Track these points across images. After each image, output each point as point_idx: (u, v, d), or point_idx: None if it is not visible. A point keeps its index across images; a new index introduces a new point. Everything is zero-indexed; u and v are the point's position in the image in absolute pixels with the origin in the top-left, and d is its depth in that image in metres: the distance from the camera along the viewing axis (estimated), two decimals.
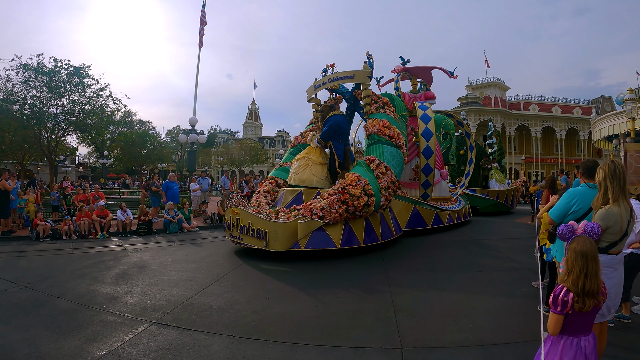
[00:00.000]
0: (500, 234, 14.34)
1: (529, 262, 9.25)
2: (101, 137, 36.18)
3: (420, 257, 10.60)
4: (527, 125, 55.66)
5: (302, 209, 10.35)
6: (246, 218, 10.73)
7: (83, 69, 25.78)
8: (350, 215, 10.36)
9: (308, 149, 12.80)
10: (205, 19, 24.70)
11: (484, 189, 22.37)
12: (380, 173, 11.00)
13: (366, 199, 10.26)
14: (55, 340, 5.26)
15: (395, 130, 11.92)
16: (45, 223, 14.40)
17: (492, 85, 56.39)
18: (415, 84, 17.69)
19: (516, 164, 56.02)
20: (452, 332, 5.42)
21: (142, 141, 49.52)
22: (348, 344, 5.10)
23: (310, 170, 12.20)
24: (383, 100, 12.86)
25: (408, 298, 7.04)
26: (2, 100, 24.42)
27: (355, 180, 10.50)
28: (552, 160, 56.96)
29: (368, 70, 12.51)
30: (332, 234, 10.22)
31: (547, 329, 3.18)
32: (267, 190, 13.31)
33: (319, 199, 10.65)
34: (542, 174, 54.13)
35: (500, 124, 52.64)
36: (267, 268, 9.45)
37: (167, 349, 4.98)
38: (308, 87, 14.23)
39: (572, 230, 3.35)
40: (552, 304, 3.11)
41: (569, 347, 3.15)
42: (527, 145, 57.48)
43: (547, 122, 55.69)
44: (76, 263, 10.27)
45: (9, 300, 7.14)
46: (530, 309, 6.17)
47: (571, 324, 3.13)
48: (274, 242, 9.99)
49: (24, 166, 32.04)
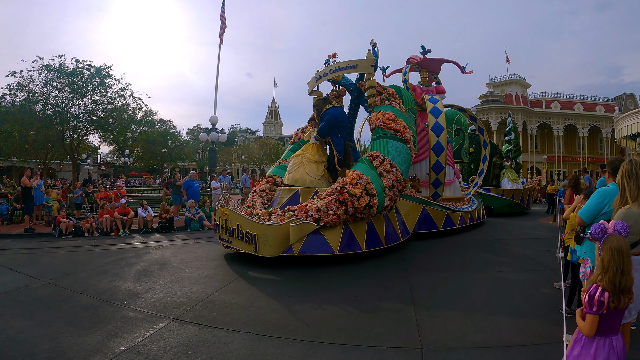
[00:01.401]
0: (522, 234, 14.13)
1: (550, 262, 9.06)
2: (123, 136, 36.56)
3: (437, 258, 10.48)
4: (548, 123, 54.88)
5: (297, 210, 9.53)
6: (235, 220, 9.93)
7: (104, 69, 26.21)
8: (350, 217, 9.49)
9: (305, 146, 12.12)
10: (224, 19, 24.77)
11: (499, 188, 21.43)
12: (385, 170, 10.06)
13: (368, 199, 9.41)
14: (77, 335, 5.31)
15: (401, 124, 10.98)
16: (68, 220, 14.59)
17: (513, 82, 55.70)
18: (425, 77, 16.67)
19: (538, 163, 55.27)
20: (472, 332, 5.35)
21: (163, 140, 50.16)
22: (368, 343, 5.06)
23: (303, 169, 11.51)
24: (389, 92, 11.88)
25: (428, 298, 6.97)
26: (25, 100, 24.97)
27: (356, 179, 9.65)
28: (574, 159, 56.04)
29: (372, 59, 11.49)
30: (330, 238, 9.36)
31: (582, 331, 3.13)
32: (263, 189, 12.70)
33: (315, 199, 9.78)
34: (564, 173, 53.32)
35: (522, 122, 52.01)
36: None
37: (188, 345, 5.00)
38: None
39: (604, 230, 3.28)
40: (587, 305, 3.07)
41: (602, 348, 3.10)
42: (549, 143, 56.63)
43: (569, 120, 54.85)
44: (98, 260, 10.41)
45: (31, 295, 7.24)
46: (552, 310, 6.07)
47: (604, 324, 3.08)
48: (264, 247, 9.14)
49: (46, 165, 32.49)
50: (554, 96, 56.62)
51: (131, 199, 19.14)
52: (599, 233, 3.29)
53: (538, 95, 57.13)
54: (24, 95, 25.17)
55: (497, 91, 55.80)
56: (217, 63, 23.71)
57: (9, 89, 25.29)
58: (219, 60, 24.18)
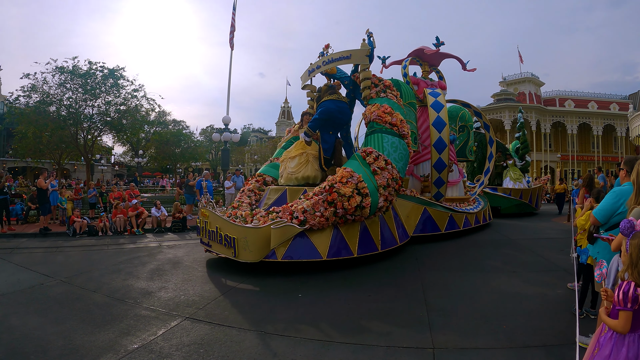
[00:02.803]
0: (535, 234, 13.97)
1: (564, 263, 8.96)
2: (136, 136, 36.76)
3: (449, 258, 10.44)
4: (562, 121, 54.28)
5: (282, 212, 8.81)
6: (214, 221, 9.33)
7: (117, 70, 26.44)
8: (339, 219, 8.72)
9: (301, 145, 11.07)
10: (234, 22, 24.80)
11: (506, 187, 20.49)
12: (379, 168, 9.26)
13: (359, 199, 8.63)
14: (90, 333, 5.36)
15: (398, 117, 10.18)
16: (82, 220, 14.71)
17: (526, 80, 55.16)
18: (427, 71, 15.60)
19: (552, 162, 54.74)
20: (485, 333, 5.31)
21: (177, 140, 50.45)
22: (380, 343, 5.04)
23: (312, 167, 10.69)
24: (385, 83, 11.06)
25: (440, 298, 6.94)
26: (39, 102, 25.28)
27: (347, 177, 8.87)
28: (588, 157, 55.38)
29: (366, 49, 10.66)
30: (318, 242, 8.58)
31: (616, 329, 3.08)
32: (251, 189, 12.00)
33: (302, 200, 8.96)
34: (578, 172, 52.79)
35: (535, 120, 51.51)
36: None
37: (200, 344, 5.02)
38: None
39: (632, 226, 3.26)
40: (621, 302, 3.02)
41: (633, 343, 3.06)
42: (563, 142, 56.01)
43: (583, 118, 54.19)
44: (111, 259, 10.50)
45: (45, 293, 7.32)
46: (566, 311, 6.01)
47: (636, 319, 3.04)
48: (244, 251, 8.45)
49: (61, 165, 32.77)
50: (568, 94, 56.00)
51: (144, 199, 19.24)
52: (628, 229, 3.27)
53: (552, 94, 56.56)
54: (38, 97, 25.47)
55: (510, 90, 55.31)
56: (230, 64, 23.67)
57: (23, 90, 25.60)
58: (231, 61, 24.15)
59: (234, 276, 8.42)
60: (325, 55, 11.46)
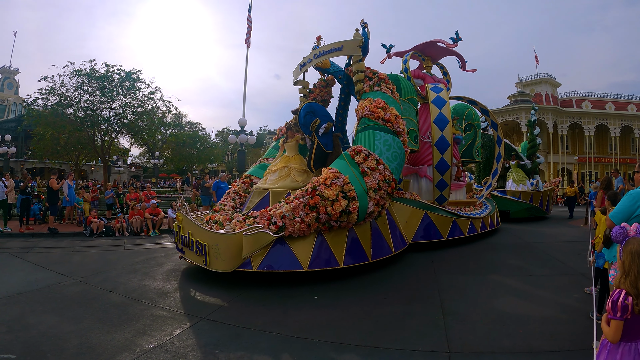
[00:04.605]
0: (551, 237, 13.78)
1: (581, 266, 8.80)
2: (153, 138, 37.06)
3: (465, 261, 10.35)
4: (579, 123, 53.58)
5: (259, 216, 7.98)
6: (187, 226, 8.57)
7: (134, 73, 26.74)
8: (322, 225, 7.88)
9: (285, 159, 10.46)
10: (251, 22, 24.88)
11: (515, 190, 19.20)
12: (369, 168, 8.42)
13: (345, 203, 7.79)
14: (106, 332, 5.41)
15: (392, 112, 9.34)
16: (99, 220, 14.84)
17: (542, 81, 54.59)
18: (430, 66, 14.90)
19: (569, 164, 54.12)
20: (501, 337, 5.27)
21: (193, 142, 50.86)
22: (395, 347, 5.01)
23: (293, 178, 9.90)
24: (379, 76, 10.26)
25: (456, 301, 6.88)
26: (57, 104, 25.71)
27: (331, 178, 8.03)
28: (606, 159, 54.63)
29: (359, 39, 9.85)
30: (299, 251, 7.76)
31: (607, 337, 3.01)
32: (237, 191, 11.32)
33: (282, 203, 8.12)
34: (595, 175, 52.12)
35: (552, 122, 50.98)
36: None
37: (215, 345, 5.05)
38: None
39: (625, 232, 3.19)
40: (611, 310, 2.96)
41: (628, 354, 2.99)
42: (580, 144, 55.29)
43: (601, 119, 53.45)
44: (128, 259, 10.57)
45: (62, 293, 7.40)
46: (582, 315, 5.92)
47: (630, 329, 2.97)
48: (215, 260, 7.73)
49: (78, 166, 33.14)
50: (585, 95, 55.32)
51: (161, 200, 19.37)
52: (620, 235, 3.21)
53: (568, 95, 55.93)
54: (56, 99, 25.87)
55: (526, 91, 54.76)
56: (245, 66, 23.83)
57: (42, 93, 26.02)
58: (247, 63, 24.32)
59: (246, 280, 8.39)
60: (317, 48, 10.77)
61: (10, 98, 60.17)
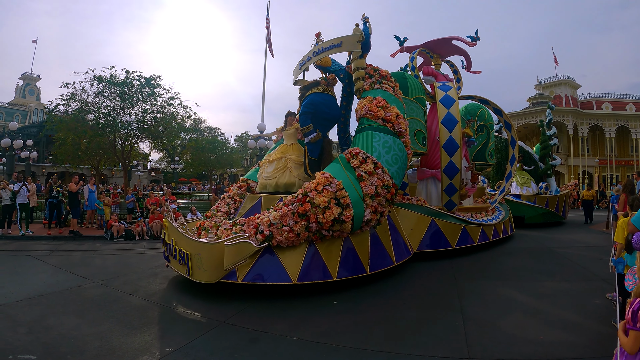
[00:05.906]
0: (572, 242, 13.54)
1: (603, 272, 8.61)
2: (172, 143, 37.39)
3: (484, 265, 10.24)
4: (600, 125, 52.71)
5: (246, 224, 7.46)
6: (171, 233, 8.17)
7: (154, 79, 26.94)
8: (313, 235, 7.27)
9: (282, 148, 9.87)
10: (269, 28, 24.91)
11: (531, 195, 18.38)
12: (366, 172, 7.79)
13: (338, 211, 7.16)
14: (126, 334, 5.46)
15: (393, 112, 8.67)
16: (120, 224, 14.97)
17: (562, 83, 53.94)
18: (440, 64, 13.98)
19: (590, 167, 53.34)
20: (521, 343, 5.19)
21: (212, 147, 51.14)
22: (414, 352, 4.97)
23: (291, 173, 9.33)
24: (381, 73, 9.53)
25: (476, 307, 6.80)
26: (78, 110, 26.04)
27: (324, 183, 7.44)
28: (627, 162, 53.64)
29: (358, 34, 9.01)
30: (287, 262, 7.19)
31: (624, 348, 2.87)
32: (232, 196, 10.85)
33: (271, 210, 7.54)
34: (617, 177, 51.20)
35: (572, 124, 50.30)
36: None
37: (234, 349, 5.07)
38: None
39: None
40: (631, 320, 2.82)
41: None
42: (601, 146, 54.39)
43: (621, 121, 52.49)
44: (148, 262, 10.66)
45: (83, 295, 7.49)
46: (604, 322, 5.80)
47: None
48: (198, 270, 7.30)
49: (99, 171, 33.51)
50: (605, 96, 54.45)
51: (180, 204, 19.46)
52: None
53: (588, 96, 55.12)
54: (77, 105, 26.20)
55: (546, 93, 54.11)
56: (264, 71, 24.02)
57: (62, 99, 26.35)
58: (265, 68, 24.48)
59: (264, 285, 8.35)
60: (316, 45, 10.09)
61: (32, 104, 61.40)
